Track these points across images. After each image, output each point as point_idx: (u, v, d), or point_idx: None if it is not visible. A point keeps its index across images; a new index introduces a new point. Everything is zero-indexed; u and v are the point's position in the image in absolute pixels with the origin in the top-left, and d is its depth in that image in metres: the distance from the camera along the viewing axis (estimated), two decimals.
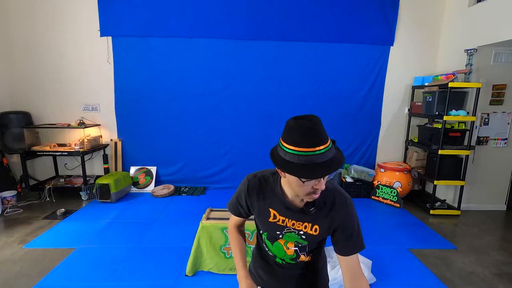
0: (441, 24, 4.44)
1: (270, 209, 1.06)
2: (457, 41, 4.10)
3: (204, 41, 4.37)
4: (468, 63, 3.74)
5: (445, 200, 4.15)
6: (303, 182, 0.87)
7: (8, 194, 3.92)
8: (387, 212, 4.01)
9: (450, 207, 4.03)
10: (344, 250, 1.01)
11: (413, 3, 4.38)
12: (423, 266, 2.71)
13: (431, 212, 3.93)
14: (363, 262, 2.43)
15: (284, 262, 1.13)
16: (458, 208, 3.94)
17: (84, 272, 2.52)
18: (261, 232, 1.15)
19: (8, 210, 3.77)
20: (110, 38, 4.34)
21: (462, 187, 3.91)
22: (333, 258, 2.53)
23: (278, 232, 1.07)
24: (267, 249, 1.16)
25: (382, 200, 4.29)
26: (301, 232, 1.03)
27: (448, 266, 2.74)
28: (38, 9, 4.22)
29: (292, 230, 1.04)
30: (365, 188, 4.45)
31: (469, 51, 3.73)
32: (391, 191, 4.19)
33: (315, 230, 1.02)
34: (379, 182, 4.38)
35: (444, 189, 4.26)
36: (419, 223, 3.67)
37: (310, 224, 1.02)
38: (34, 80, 4.40)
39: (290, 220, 1.04)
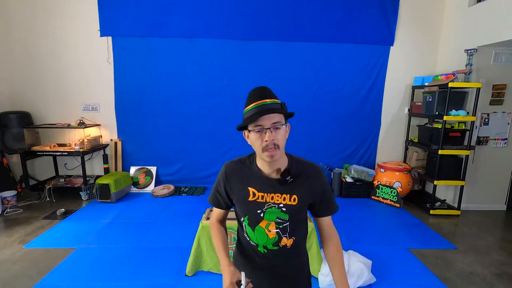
0: (441, 24, 4.44)
1: (249, 188, 1.11)
2: (457, 41, 4.10)
3: (204, 41, 4.38)
4: (468, 63, 3.74)
5: (445, 200, 4.15)
6: (256, 131, 1.01)
7: (8, 194, 3.92)
8: (387, 212, 4.01)
9: (450, 207, 4.03)
10: (323, 212, 1.15)
11: (413, 3, 4.38)
12: (423, 266, 2.72)
13: (431, 212, 3.93)
14: (363, 262, 2.44)
15: (266, 250, 1.13)
16: (458, 208, 3.94)
17: (84, 272, 2.52)
18: (242, 219, 1.16)
19: (8, 210, 3.77)
20: (110, 38, 4.34)
21: (462, 187, 3.91)
22: None
23: (259, 211, 1.10)
24: (248, 238, 1.16)
25: (382, 200, 4.29)
26: (281, 205, 1.09)
27: (448, 266, 2.74)
28: (38, 9, 4.22)
29: (272, 204, 1.09)
30: (365, 188, 4.45)
31: (469, 51, 3.72)
32: (391, 191, 4.19)
33: (294, 200, 1.09)
34: (379, 182, 4.38)
35: (444, 189, 4.26)
36: (419, 223, 3.67)
37: (288, 195, 1.09)
38: (34, 80, 4.40)
39: (269, 194, 1.09)
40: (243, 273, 1.01)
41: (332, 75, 4.55)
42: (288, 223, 1.10)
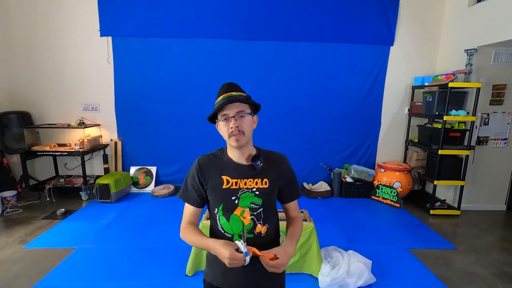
0: (441, 24, 4.44)
1: (222, 177, 1.16)
2: (457, 41, 4.10)
3: (204, 41, 4.38)
4: (468, 63, 3.74)
5: (445, 200, 4.15)
6: (223, 119, 1.13)
7: (8, 194, 3.92)
8: (387, 212, 4.01)
9: (450, 207, 4.03)
10: (290, 197, 1.26)
11: (413, 3, 4.38)
12: (423, 266, 2.71)
13: (431, 212, 3.93)
14: (363, 262, 2.44)
15: (240, 239, 1.13)
16: (458, 208, 3.94)
17: (84, 272, 2.52)
18: (215, 211, 1.17)
19: (8, 210, 3.77)
20: (110, 38, 4.34)
21: (462, 187, 3.91)
22: (333, 258, 2.54)
23: (233, 198, 1.14)
24: (223, 231, 1.17)
25: (382, 200, 4.29)
26: (254, 189, 1.15)
27: (448, 266, 2.74)
28: (38, 9, 4.22)
29: (246, 190, 1.15)
30: (365, 188, 4.45)
31: (469, 51, 3.73)
32: (391, 191, 4.19)
33: (265, 183, 1.17)
34: (379, 182, 4.38)
35: (444, 189, 4.26)
36: (419, 223, 3.67)
37: (260, 179, 1.17)
38: (34, 80, 4.40)
39: (242, 180, 1.16)
40: (239, 241, 1.02)
41: (332, 75, 4.55)
42: (261, 208, 1.16)
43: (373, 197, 4.40)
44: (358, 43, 4.45)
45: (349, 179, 4.51)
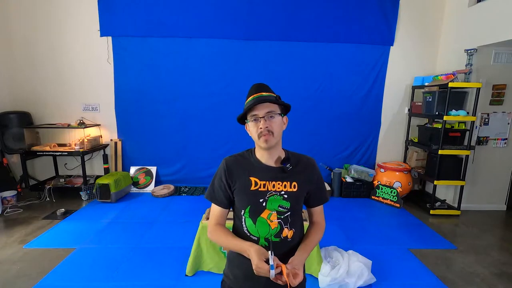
0: (441, 24, 4.44)
1: (250, 178, 1.14)
2: (457, 41, 4.10)
3: (204, 41, 4.38)
4: (468, 63, 3.74)
5: (445, 200, 4.15)
6: (253, 120, 1.11)
7: (8, 194, 3.92)
8: (387, 212, 4.01)
9: (450, 207, 4.03)
10: (317, 201, 1.24)
11: (413, 3, 4.38)
12: (423, 266, 2.72)
13: (431, 212, 3.93)
14: (363, 262, 2.44)
15: (267, 244, 1.12)
16: (458, 208, 3.94)
17: (84, 272, 2.52)
18: (242, 213, 1.15)
19: (8, 210, 3.77)
20: (110, 38, 4.34)
21: (462, 187, 3.91)
22: (333, 258, 2.54)
23: (261, 200, 1.13)
24: (248, 233, 1.14)
25: (382, 200, 4.29)
26: (282, 192, 1.14)
27: (448, 266, 2.74)
28: (38, 9, 4.22)
29: (274, 192, 1.13)
30: (365, 188, 4.45)
31: (469, 51, 3.72)
32: (391, 191, 4.19)
33: (294, 187, 1.15)
34: (379, 182, 4.38)
35: (444, 189, 4.25)
36: (419, 223, 3.67)
37: (289, 182, 1.14)
38: (34, 80, 4.40)
39: (270, 182, 1.14)
40: (270, 252, 0.99)
41: (332, 75, 4.55)
42: (289, 212, 1.14)
43: (373, 197, 4.40)
44: (358, 43, 4.45)
45: (349, 179, 4.51)
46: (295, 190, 1.14)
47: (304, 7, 4.31)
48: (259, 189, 1.13)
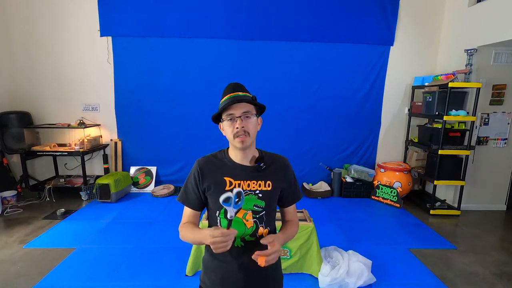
0: (441, 24, 4.44)
1: (225, 178, 1.13)
2: (457, 41, 4.10)
3: (204, 41, 4.38)
4: (468, 63, 3.74)
5: (445, 200, 4.15)
6: (228, 119, 1.09)
7: (8, 194, 3.92)
8: (387, 212, 4.01)
9: (450, 207, 4.03)
10: (290, 200, 1.25)
11: (413, 3, 4.38)
12: (423, 266, 2.71)
13: (431, 212, 3.93)
14: (363, 262, 2.44)
15: (243, 243, 1.13)
16: (458, 208, 3.94)
17: (84, 272, 2.52)
18: (217, 214, 1.14)
19: (8, 210, 3.77)
20: (110, 38, 4.34)
21: (462, 187, 3.91)
22: (333, 258, 2.54)
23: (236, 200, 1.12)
24: None
25: (382, 200, 4.29)
26: (257, 191, 1.13)
27: (448, 266, 2.74)
28: (38, 9, 4.22)
29: (249, 192, 1.12)
30: (365, 188, 4.45)
31: (469, 51, 3.73)
32: (391, 191, 4.19)
33: (269, 186, 1.14)
34: (379, 182, 4.38)
35: (444, 189, 4.25)
36: (419, 223, 3.67)
37: (263, 181, 1.14)
38: (34, 80, 4.40)
39: (245, 181, 1.13)
40: (233, 191, 1.02)
41: (332, 75, 4.55)
42: (264, 211, 1.14)
43: (373, 197, 4.40)
44: (358, 43, 4.45)
45: (349, 179, 4.51)
46: (269, 189, 1.14)
47: (304, 7, 4.31)
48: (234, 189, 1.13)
